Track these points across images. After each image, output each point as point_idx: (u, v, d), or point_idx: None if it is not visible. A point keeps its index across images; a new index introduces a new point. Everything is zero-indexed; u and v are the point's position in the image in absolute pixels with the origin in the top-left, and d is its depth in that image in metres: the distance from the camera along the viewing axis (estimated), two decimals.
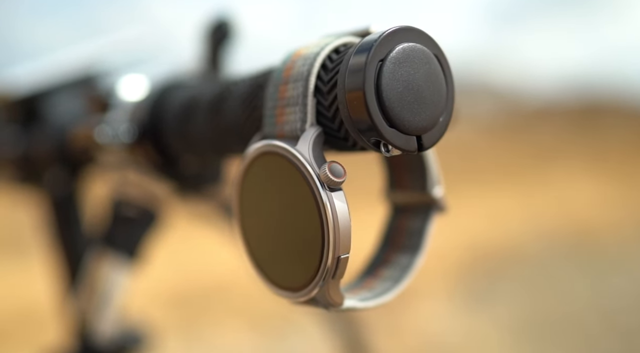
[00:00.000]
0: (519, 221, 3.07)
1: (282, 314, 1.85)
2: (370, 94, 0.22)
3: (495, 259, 2.59)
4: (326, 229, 0.23)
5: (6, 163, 0.48)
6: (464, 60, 5.98)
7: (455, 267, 2.50)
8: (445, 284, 2.34)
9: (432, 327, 1.98)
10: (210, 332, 1.89)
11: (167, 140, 0.34)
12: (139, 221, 0.42)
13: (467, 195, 3.47)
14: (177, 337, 1.87)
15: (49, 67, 0.48)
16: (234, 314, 1.89)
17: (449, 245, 2.73)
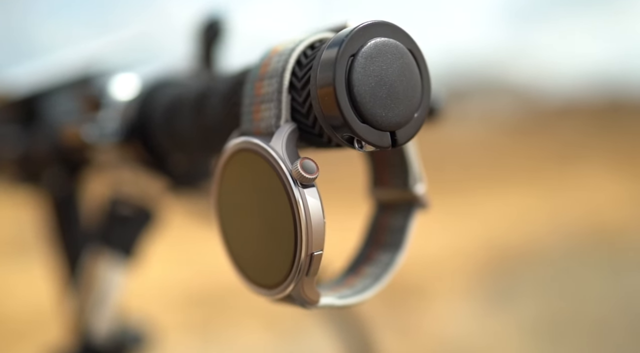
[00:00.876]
0: (541, 220, 3.04)
1: (298, 314, 1.86)
2: (341, 90, 0.22)
3: (516, 259, 2.57)
4: (298, 226, 0.23)
5: (7, 163, 0.48)
6: (484, 59, 5.93)
7: (475, 266, 2.48)
8: (464, 284, 2.33)
9: (450, 328, 1.97)
10: (228, 332, 1.90)
11: (156, 139, 0.34)
12: (135, 220, 0.42)
13: (488, 195, 3.44)
14: (194, 337, 1.88)
15: (48, 67, 0.48)
16: (251, 314, 1.89)
17: (469, 245, 2.71)
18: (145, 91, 0.36)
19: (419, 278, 2.38)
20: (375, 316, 2.04)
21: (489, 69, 5.60)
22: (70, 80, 0.47)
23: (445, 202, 3.35)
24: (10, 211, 0.98)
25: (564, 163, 4.09)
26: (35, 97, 0.47)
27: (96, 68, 0.47)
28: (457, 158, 4.19)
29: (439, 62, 6.14)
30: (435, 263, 2.53)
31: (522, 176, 3.79)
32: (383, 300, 2.19)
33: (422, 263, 2.53)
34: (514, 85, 5.50)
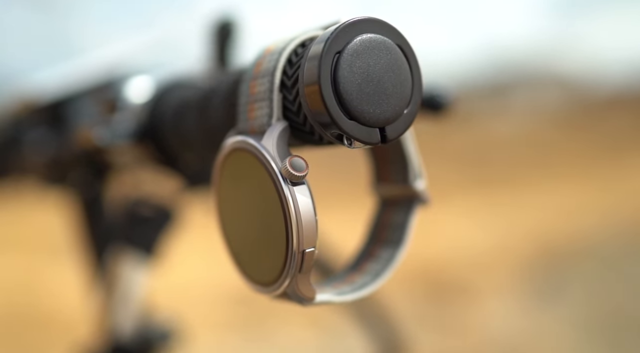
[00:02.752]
0: (591, 215, 2.96)
1: (342, 312, 1.86)
2: (327, 87, 0.22)
3: (566, 255, 2.51)
4: (289, 223, 0.23)
5: (37, 165, 0.50)
6: (530, 51, 5.81)
7: (523, 262, 2.44)
8: (513, 280, 2.28)
9: (498, 325, 1.94)
10: (270, 330, 1.92)
11: (167, 139, 0.35)
12: (156, 220, 0.43)
13: (536, 190, 3.37)
14: (237, 336, 1.91)
15: (75, 71, 0.49)
16: (293, 312, 1.90)
17: (517, 241, 2.66)
18: (157, 93, 0.37)
19: (465, 274, 2.35)
20: (421, 313, 2.03)
21: (535, 61, 5.48)
22: (95, 84, 0.48)
23: (492, 198, 3.30)
24: (43, 213, 1.01)
25: (615, 156, 3.98)
26: (62, 101, 0.48)
27: (120, 71, 0.48)
28: (504, 153, 4.12)
29: (482, 55, 6.04)
30: (482, 259, 2.50)
31: (571, 170, 3.70)
32: (429, 297, 2.17)
33: (468, 259, 2.50)
34: (562, 76, 5.37)
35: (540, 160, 3.88)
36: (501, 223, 2.89)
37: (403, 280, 2.33)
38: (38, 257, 2.26)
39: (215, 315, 2.01)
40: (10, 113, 0.53)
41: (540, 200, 3.16)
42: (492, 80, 5.41)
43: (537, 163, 3.81)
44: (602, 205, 3.12)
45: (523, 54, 5.73)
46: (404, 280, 2.33)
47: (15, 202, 0.61)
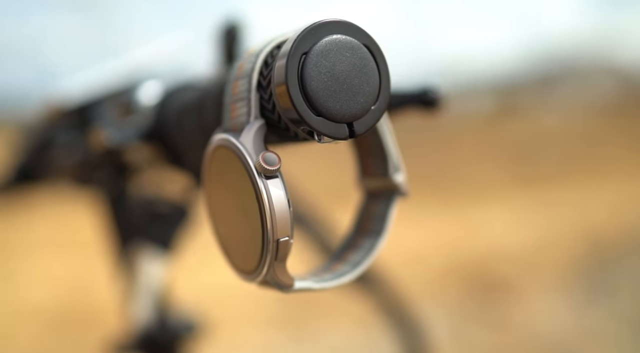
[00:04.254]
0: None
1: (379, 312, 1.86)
2: (294, 86, 0.24)
3: (615, 251, 2.45)
4: (263, 214, 0.25)
5: (67, 167, 0.53)
6: (581, 41, 5.66)
7: (570, 258, 2.39)
8: (559, 277, 2.25)
9: (543, 322, 1.91)
10: (316, 328, 1.94)
11: (173, 139, 0.37)
12: (172, 216, 0.45)
13: (585, 184, 3.29)
14: (285, 333, 1.93)
15: (101, 76, 0.52)
16: (339, 310, 1.92)
17: (565, 237, 2.61)
18: (165, 95, 0.39)
19: (511, 271, 2.32)
20: (466, 309, 2.02)
21: (585, 53, 5.33)
22: (116, 88, 0.50)
23: (538, 193, 3.24)
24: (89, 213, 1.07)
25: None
26: (88, 105, 0.51)
27: (138, 76, 0.51)
28: (552, 147, 4.04)
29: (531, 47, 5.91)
30: (528, 256, 2.46)
31: (620, 164, 3.60)
32: (474, 293, 2.16)
33: (514, 256, 2.47)
34: (612, 68, 5.22)
35: (588, 154, 3.79)
36: (547, 219, 2.84)
37: (448, 276, 2.31)
38: (88, 255, 2.35)
39: (260, 314, 2.05)
40: (43, 117, 0.56)
41: (587, 195, 3.08)
42: (540, 73, 5.30)
43: (586, 157, 3.71)
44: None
45: (572, 45, 5.59)
46: (449, 276, 2.31)
47: (64, 203, 0.64)
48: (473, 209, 3.11)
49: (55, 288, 2.23)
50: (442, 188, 3.51)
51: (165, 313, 0.49)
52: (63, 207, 0.72)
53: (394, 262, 2.28)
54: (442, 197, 3.33)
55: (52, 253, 2.53)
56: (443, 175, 3.76)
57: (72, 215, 0.82)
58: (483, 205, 3.16)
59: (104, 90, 0.50)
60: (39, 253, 2.56)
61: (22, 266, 2.46)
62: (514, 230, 2.75)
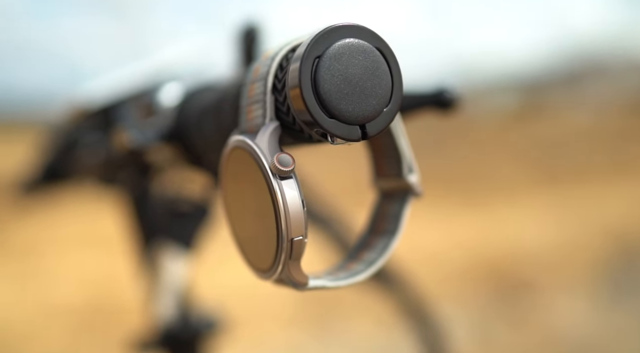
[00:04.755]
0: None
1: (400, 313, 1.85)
2: (307, 89, 0.24)
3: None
4: (278, 214, 0.25)
5: (92, 167, 0.54)
6: (608, 39, 5.58)
7: (597, 259, 2.36)
8: (585, 277, 2.22)
9: (567, 323, 1.89)
10: (341, 327, 1.94)
11: (192, 140, 0.38)
12: (193, 215, 0.46)
13: (614, 182, 3.25)
14: (309, 332, 1.94)
15: (124, 78, 0.53)
16: (364, 310, 1.92)
17: (592, 237, 2.58)
18: (185, 97, 0.40)
19: (536, 271, 2.30)
20: (492, 309, 2.00)
21: (612, 50, 5.26)
22: (139, 90, 0.51)
23: (564, 192, 3.20)
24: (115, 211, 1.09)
25: None
26: (111, 107, 0.52)
27: (160, 77, 0.52)
28: (578, 145, 3.99)
29: (557, 45, 5.83)
30: (554, 256, 2.44)
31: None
32: (500, 293, 2.14)
33: (540, 256, 2.45)
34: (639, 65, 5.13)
35: (615, 153, 3.73)
36: (572, 218, 2.80)
37: (471, 276, 2.30)
38: (116, 253, 2.38)
39: (284, 312, 2.06)
40: (68, 118, 0.57)
41: (613, 194, 3.04)
42: (566, 71, 5.23)
43: (612, 155, 3.66)
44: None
45: (599, 42, 5.51)
46: (472, 276, 2.30)
47: (93, 202, 0.66)
48: (497, 208, 3.08)
49: (83, 286, 2.27)
50: (465, 187, 3.49)
51: (188, 311, 0.50)
52: (91, 205, 0.74)
53: (416, 261, 2.28)
54: (465, 195, 3.31)
55: (81, 251, 2.58)
56: (466, 173, 3.74)
57: (100, 214, 0.84)
58: (507, 204, 3.13)
59: (127, 91, 0.51)
60: (67, 251, 2.60)
61: (51, 264, 2.51)
62: (538, 229, 2.72)
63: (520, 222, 2.86)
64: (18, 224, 2.69)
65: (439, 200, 3.17)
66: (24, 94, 5.60)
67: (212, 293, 0.66)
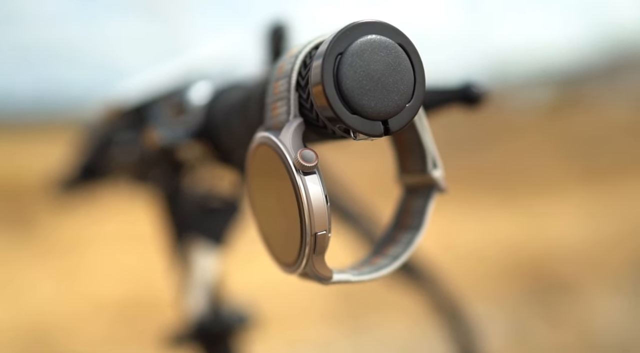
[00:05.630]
0: None
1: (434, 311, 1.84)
2: (329, 85, 0.25)
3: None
4: (301, 209, 0.26)
5: (126, 165, 0.55)
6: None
7: (638, 255, 2.31)
8: (624, 275, 2.17)
9: (602, 321, 1.86)
10: (374, 324, 1.94)
11: (221, 138, 0.39)
12: (224, 211, 0.47)
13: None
14: (341, 329, 1.95)
15: (157, 77, 0.54)
16: (397, 308, 1.92)
17: (632, 234, 2.52)
18: (214, 95, 0.41)
19: (573, 268, 2.26)
20: (528, 306, 1.98)
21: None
22: (172, 89, 0.52)
23: (601, 188, 3.14)
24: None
25: None
26: (145, 105, 0.53)
27: (190, 77, 0.53)
28: (619, 140, 3.90)
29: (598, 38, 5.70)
30: (590, 252, 2.39)
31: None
32: (536, 290, 2.11)
33: (575, 252, 2.40)
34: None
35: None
36: (611, 215, 2.74)
37: (507, 273, 2.27)
38: (153, 249, 2.42)
39: (316, 309, 2.07)
40: (103, 117, 0.59)
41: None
42: (606, 64, 5.11)
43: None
44: None
45: (639, 34, 5.36)
46: (508, 273, 2.27)
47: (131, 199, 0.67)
48: (535, 204, 3.04)
49: (123, 280, 2.32)
50: (503, 183, 3.44)
51: (219, 305, 0.51)
52: (130, 203, 0.75)
53: (454, 258, 2.27)
54: (503, 192, 3.27)
55: (121, 248, 2.63)
56: (504, 170, 3.69)
57: (138, 211, 0.86)
58: (545, 200, 3.08)
59: (159, 91, 0.52)
60: (108, 247, 2.66)
61: (93, 260, 2.57)
62: (577, 226, 2.68)
63: (559, 219, 2.81)
64: (60, 222, 2.77)
65: (476, 197, 3.14)
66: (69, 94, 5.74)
67: (245, 290, 0.67)
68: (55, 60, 13.27)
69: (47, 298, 2.21)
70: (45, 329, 1.99)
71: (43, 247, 2.71)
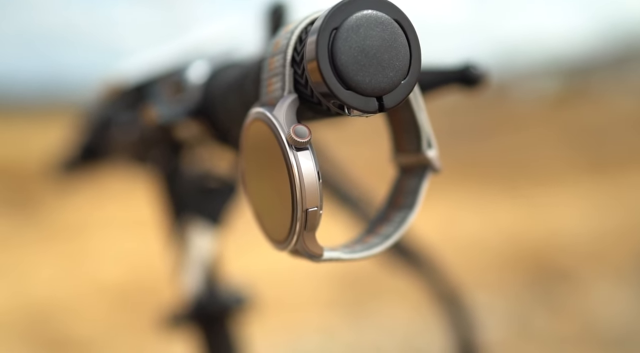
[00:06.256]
0: None
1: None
2: (324, 60, 0.24)
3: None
4: (293, 185, 0.25)
5: (127, 146, 0.55)
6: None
7: (636, 250, 2.31)
8: (628, 267, 2.17)
9: (605, 312, 1.86)
10: (377, 311, 1.95)
11: (218, 116, 0.39)
12: (221, 192, 0.47)
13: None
14: (344, 316, 1.95)
15: (157, 57, 0.54)
16: (400, 295, 1.92)
17: (635, 224, 2.52)
18: (212, 74, 0.41)
19: (577, 260, 2.26)
20: (530, 296, 1.98)
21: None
22: (171, 68, 0.52)
23: (605, 179, 3.13)
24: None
25: None
26: (144, 85, 0.53)
27: (189, 56, 0.52)
28: (625, 131, 3.88)
29: (606, 27, 5.66)
30: (593, 243, 2.39)
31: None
32: (539, 281, 2.11)
33: (578, 243, 2.40)
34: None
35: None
36: (617, 206, 2.74)
37: (510, 263, 2.27)
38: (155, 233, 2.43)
39: (320, 296, 2.07)
40: (103, 97, 0.59)
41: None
42: (613, 54, 5.08)
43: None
44: None
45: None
46: (511, 263, 2.27)
47: (135, 182, 0.67)
48: (538, 195, 3.03)
49: (126, 265, 2.33)
50: (507, 173, 3.43)
51: (215, 285, 0.51)
52: (134, 188, 0.75)
53: (457, 247, 2.27)
54: (506, 182, 3.27)
55: (124, 233, 2.64)
56: (508, 160, 3.68)
57: (142, 196, 0.86)
58: (549, 191, 3.08)
59: (159, 70, 0.52)
60: (111, 232, 2.67)
61: (96, 244, 2.58)
62: (580, 217, 2.67)
63: (562, 210, 2.81)
64: (65, 206, 2.78)
65: (479, 187, 3.14)
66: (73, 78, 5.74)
67: (249, 276, 0.67)
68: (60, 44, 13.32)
69: (50, 282, 2.22)
70: (48, 312, 2.00)
71: (47, 231, 2.73)
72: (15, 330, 1.91)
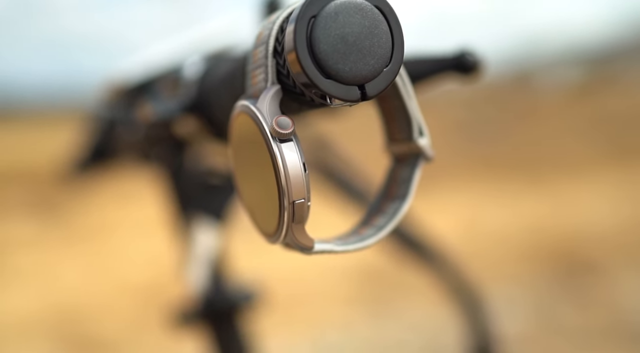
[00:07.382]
0: None
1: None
2: (302, 50, 0.24)
3: None
4: (278, 177, 0.25)
5: (132, 145, 0.55)
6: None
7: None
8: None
9: (630, 304, 1.82)
10: (399, 306, 1.94)
11: (213, 111, 0.38)
12: (224, 188, 0.47)
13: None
14: (366, 311, 1.95)
15: (158, 55, 0.54)
16: (421, 290, 1.91)
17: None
18: (207, 69, 0.40)
19: (600, 252, 2.23)
20: (554, 289, 1.95)
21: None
22: (171, 66, 0.52)
23: (630, 170, 3.07)
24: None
25: None
26: (146, 83, 0.53)
27: (194, 52, 0.52)
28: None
29: (627, 15, 5.56)
30: (618, 235, 2.35)
31: None
32: (562, 273, 2.08)
33: (603, 234, 2.36)
34: None
35: None
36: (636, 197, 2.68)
37: (533, 256, 2.25)
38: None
39: (341, 291, 2.07)
40: (107, 98, 0.59)
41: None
42: (636, 42, 4.98)
43: None
44: None
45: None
46: (534, 256, 2.25)
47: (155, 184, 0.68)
48: (563, 187, 2.99)
49: (149, 265, 2.35)
50: (531, 165, 3.39)
51: (222, 282, 0.51)
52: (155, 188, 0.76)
53: (482, 241, 2.25)
54: (531, 174, 3.23)
55: (147, 233, 2.66)
56: (532, 151, 3.63)
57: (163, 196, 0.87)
58: (574, 182, 3.03)
59: (161, 68, 0.52)
60: (134, 232, 2.69)
61: (120, 245, 2.60)
62: (606, 208, 2.63)
63: (588, 201, 2.76)
64: (87, 207, 2.81)
65: (504, 179, 3.10)
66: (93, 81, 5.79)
67: (269, 273, 0.66)
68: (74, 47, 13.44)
69: (74, 283, 2.25)
70: (72, 313, 2.03)
71: (72, 232, 2.76)
72: (44, 330, 1.93)
